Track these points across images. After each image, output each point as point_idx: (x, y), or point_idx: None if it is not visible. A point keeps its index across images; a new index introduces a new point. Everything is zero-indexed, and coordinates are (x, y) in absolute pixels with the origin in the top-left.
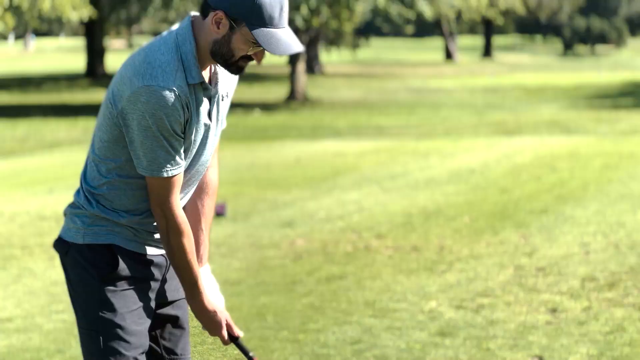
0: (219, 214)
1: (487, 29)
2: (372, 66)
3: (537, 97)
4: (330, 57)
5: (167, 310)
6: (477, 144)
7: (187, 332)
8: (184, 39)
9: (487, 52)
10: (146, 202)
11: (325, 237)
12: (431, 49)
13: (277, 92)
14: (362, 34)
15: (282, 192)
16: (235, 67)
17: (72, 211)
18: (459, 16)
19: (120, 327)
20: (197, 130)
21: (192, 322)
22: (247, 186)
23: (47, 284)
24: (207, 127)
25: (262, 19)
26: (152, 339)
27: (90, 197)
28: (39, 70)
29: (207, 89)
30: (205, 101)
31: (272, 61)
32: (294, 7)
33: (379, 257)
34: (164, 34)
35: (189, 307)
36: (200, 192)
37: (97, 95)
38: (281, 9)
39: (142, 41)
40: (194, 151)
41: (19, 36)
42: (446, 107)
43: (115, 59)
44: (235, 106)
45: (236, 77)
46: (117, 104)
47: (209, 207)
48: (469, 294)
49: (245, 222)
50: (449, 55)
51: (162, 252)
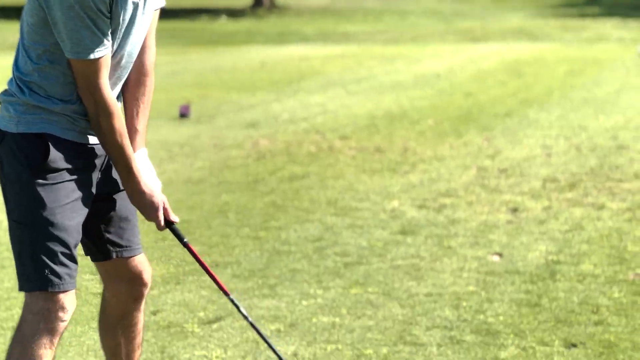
0: (183, 115)
1: None
2: None
3: (505, 5)
4: None
5: (110, 202)
6: (444, 50)
7: (133, 224)
8: None
9: None
10: None
11: (288, 138)
12: None
13: None
14: None
15: (247, 95)
16: None
17: (5, 99)
18: None
19: (50, 222)
20: (124, 9)
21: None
22: (211, 89)
23: None
24: (136, 5)
25: None
26: (97, 232)
27: (22, 84)
28: None
29: None
30: None
31: None
32: None
33: (342, 157)
34: None
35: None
36: (135, 76)
37: None
38: None
39: None
40: (122, 32)
41: None
42: (414, 14)
43: None
44: (200, 12)
45: None
46: None
47: (144, 92)
48: (431, 194)
49: (209, 123)
50: None
51: None
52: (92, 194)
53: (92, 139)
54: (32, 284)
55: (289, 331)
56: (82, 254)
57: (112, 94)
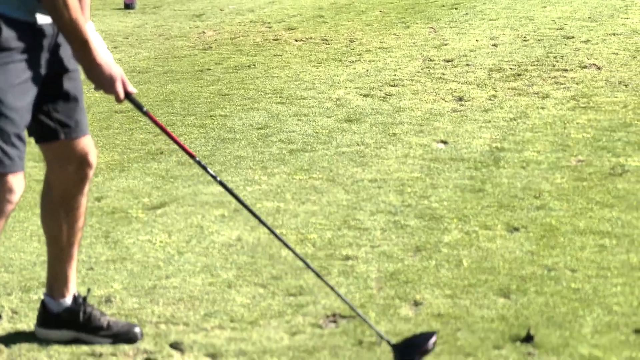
0: (128, 5)
1: None
2: None
3: None
4: None
5: (58, 82)
6: None
7: (80, 106)
8: None
9: None
10: None
11: (235, 29)
12: None
13: None
14: None
15: None
16: None
17: None
18: None
19: (1, 102)
20: None
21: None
22: None
23: None
24: None
25: None
26: (45, 113)
27: None
28: None
29: None
30: None
31: None
32: None
33: (288, 48)
34: None
35: (81, 68)
36: None
37: None
38: None
39: None
40: None
41: None
42: None
43: None
44: None
45: None
46: None
47: None
48: (377, 83)
49: (154, 14)
50: None
51: (51, 20)
52: (41, 74)
53: (41, 19)
54: None
55: (233, 216)
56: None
57: None
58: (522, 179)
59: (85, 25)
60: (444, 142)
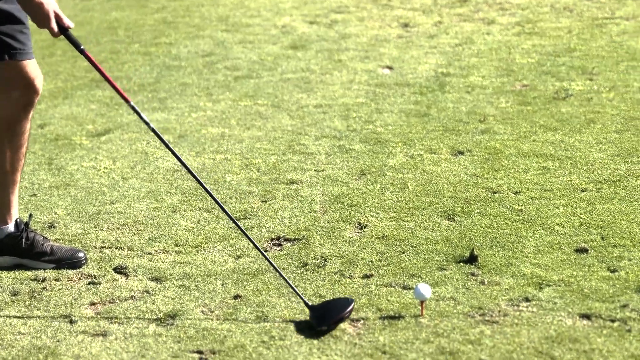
0: None
1: None
2: None
3: None
4: None
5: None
6: None
7: (27, 29)
8: None
9: None
10: None
11: None
12: None
13: None
14: None
15: None
16: None
17: None
18: None
19: None
20: None
21: None
22: None
23: None
24: None
25: None
26: None
27: None
28: None
29: None
30: None
31: None
32: None
33: None
34: None
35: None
36: None
37: None
38: None
39: None
40: None
41: None
42: None
43: None
44: None
45: None
46: None
47: None
48: (322, 10)
49: None
50: None
51: None
52: None
53: None
54: None
55: (178, 142)
56: None
57: None
58: (467, 103)
59: None
60: (390, 68)
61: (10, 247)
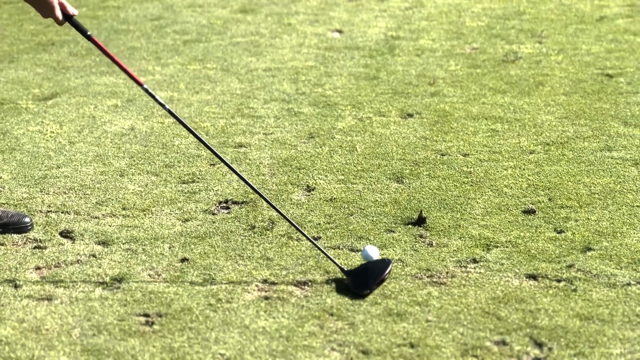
0: None
1: None
2: None
3: None
4: None
5: None
6: None
7: None
8: None
9: None
10: None
11: None
12: None
13: None
14: None
15: None
16: None
17: None
18: None
19: None
20: None
21: None
22: None
23: None
24: None
25: None
26: None
27: None
28: None
29: None
30: None
31: None
32: None
33: None
34: None
35: None
36: None
37: None
38: None
39: None
40: None
41: None
42: None
43: None
44: None
45: None
46: None
47: None
48: None
49: None
50: None
51: None
52: None
53: None
54: None
55: (126, 106)
56: None
57: None
58: (416, 66)
59: None
60: (339, 32)
61: None
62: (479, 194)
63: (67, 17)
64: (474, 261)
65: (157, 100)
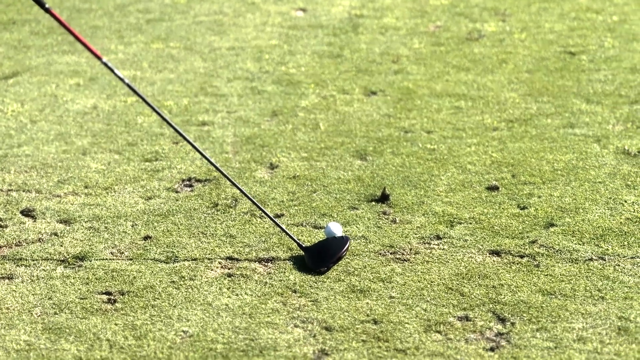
0: None
1: None
2: None
3: None
4: None
5: None
6: None
7: None
8: None
9: None
10: None
11: None
12: None
13: None
14: None
15: None
16: None
17: None
18: None
19: None
20: None
21: None
22: None
23: None
24: None
25: None
26: None
27: None
28: None
29: None
30: None
31: None
32: None
33: None
34: None
35: None
36: None
37: None
38: None
39: None
40: None
41: None
42: None
43: None
44: None
45: None
46: None
47: None
48: None
49: None
50: None
51: None
52: None
53: None
54: None
55: (88, 85)
56: None
57: None
58: (380, 44)
59: None
60: (303, 10)
61: None
62: (442, 170)
63: None
64: (438, 238)
65: (117, 74)
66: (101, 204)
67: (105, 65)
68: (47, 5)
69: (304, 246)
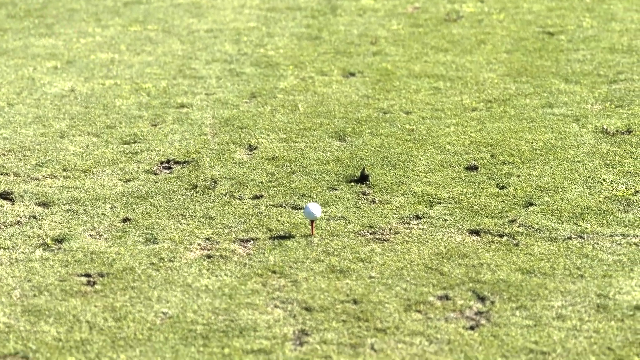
0: None
1: None
2: None
3: None
4: None
5: None
6: None
7: None
8: None
9: None
10: None
11: None
12: None
13: None
14: None
15: None
16: None
17: None
18: None
19: None
20: None
21: None
22: None
23: None
24: None
25: None
26: None
27: None
28: None
29: None
30: None
31: None
32: None
33: None
34: None
35: None
36: None
37: None
38: None
39: None
40: None
41: None
42: None
43: None
44: None
45: None
46: None
47: None
48: None
49: None
50: None
51: None
52: None
53: None
54: None
55: (66, 68)
56: None
57: None
58: (358, 26)
59: None
60: None
61: None
62: (421, 151)
63: None
64: (417, 217)
65: None
66: (80, 187)
67: None
68: None
69: None
